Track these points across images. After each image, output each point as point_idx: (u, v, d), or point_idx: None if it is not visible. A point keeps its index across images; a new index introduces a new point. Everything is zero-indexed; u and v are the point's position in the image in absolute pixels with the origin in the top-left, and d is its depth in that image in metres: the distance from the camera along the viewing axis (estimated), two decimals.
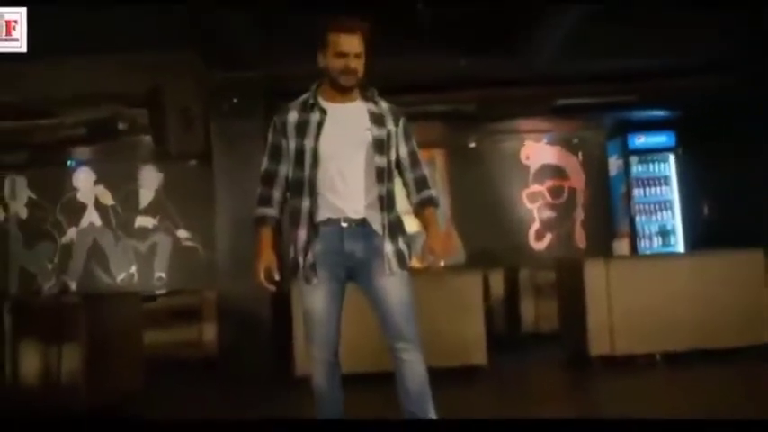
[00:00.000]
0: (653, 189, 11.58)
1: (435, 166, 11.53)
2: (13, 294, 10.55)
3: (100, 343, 5.93)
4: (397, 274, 3.57)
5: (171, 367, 8.07)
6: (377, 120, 3.65)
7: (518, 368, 7.87)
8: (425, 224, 3.75)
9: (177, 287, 10.57)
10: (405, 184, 3.80)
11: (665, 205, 11.59)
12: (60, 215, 11.77)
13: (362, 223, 3.58)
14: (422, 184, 3.78)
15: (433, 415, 3.54)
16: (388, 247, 3.58)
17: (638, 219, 11.50)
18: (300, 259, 3.58)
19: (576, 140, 12.04)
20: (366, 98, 3.70)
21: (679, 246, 11.45)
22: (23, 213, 11.79)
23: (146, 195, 11.75)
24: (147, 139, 9.73)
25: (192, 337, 9.05)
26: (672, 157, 11.59)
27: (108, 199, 11.76)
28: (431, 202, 3.77)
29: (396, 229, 3.65)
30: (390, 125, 3.68)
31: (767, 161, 8.34)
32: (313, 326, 3.60)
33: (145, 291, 9.75)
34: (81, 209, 11.77)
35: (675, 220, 11.56)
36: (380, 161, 3.60)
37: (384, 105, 3.73)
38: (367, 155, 3.58)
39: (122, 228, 11.72)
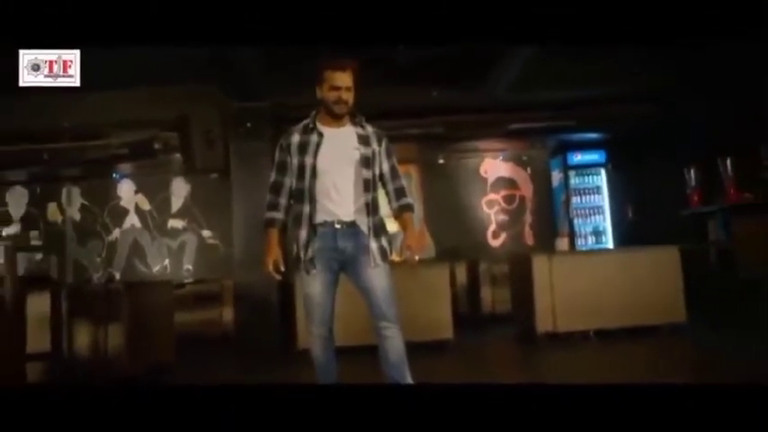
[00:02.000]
0: (587, 197, 11.58)
1: (411, 179, 11.49)
2: (69, 283, 10.44)
3: (139, 322, 5.91)
4: (381, 267, 3.57)
5: (196, 342, 8.04)
6: (364, 141, 3.65)
7: (478, 342, 7.86)
8: (403, 225, 3.75)
9: (202, 277, 10.51)
10: (386, 193, 3.80)
11: (597, 210, 11.59)
12: (107, 218, 11.72)
13: (352, 225, 3.58)
14: (400, 193, 3.77)
15: (410, 380, 3.54)
16: (373, 244, 3.58)
17: (575, 221, 11.50)
18: (302, 254, 3.57)
19: (525, 157, 12.04)
20: (355, 123, 3.70)
21: (609, 243, 11.46)
22: (77, 217, 11.72)
23: (176, 202, 11.71)
24: (178, 156, 9.69)
25: (214, 317, 9.00)
26: (603, 171, 11.59)
27: (146, 205, 11.72)
28: (408, 208, 3.76)
29: (379, 229, 3.65)
30: (375, 145, 3.68)
31: (680, 174, 8.36)
32: (312, 308, 3.60)
33: (175, 280, 9.70)
34: (124, 213, 11.73)
35: (606, 223, 11.56)
36: (367, 174, 3.60)
37: (369, 129, 3.73)
38: (356, 169, 3.59)
39: (157, 229, 11.68)
